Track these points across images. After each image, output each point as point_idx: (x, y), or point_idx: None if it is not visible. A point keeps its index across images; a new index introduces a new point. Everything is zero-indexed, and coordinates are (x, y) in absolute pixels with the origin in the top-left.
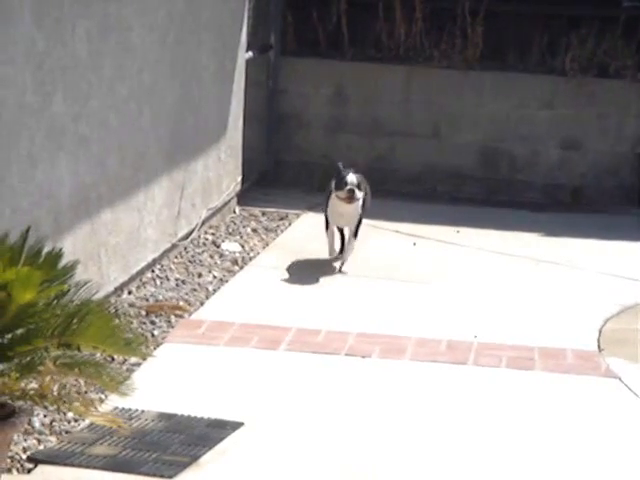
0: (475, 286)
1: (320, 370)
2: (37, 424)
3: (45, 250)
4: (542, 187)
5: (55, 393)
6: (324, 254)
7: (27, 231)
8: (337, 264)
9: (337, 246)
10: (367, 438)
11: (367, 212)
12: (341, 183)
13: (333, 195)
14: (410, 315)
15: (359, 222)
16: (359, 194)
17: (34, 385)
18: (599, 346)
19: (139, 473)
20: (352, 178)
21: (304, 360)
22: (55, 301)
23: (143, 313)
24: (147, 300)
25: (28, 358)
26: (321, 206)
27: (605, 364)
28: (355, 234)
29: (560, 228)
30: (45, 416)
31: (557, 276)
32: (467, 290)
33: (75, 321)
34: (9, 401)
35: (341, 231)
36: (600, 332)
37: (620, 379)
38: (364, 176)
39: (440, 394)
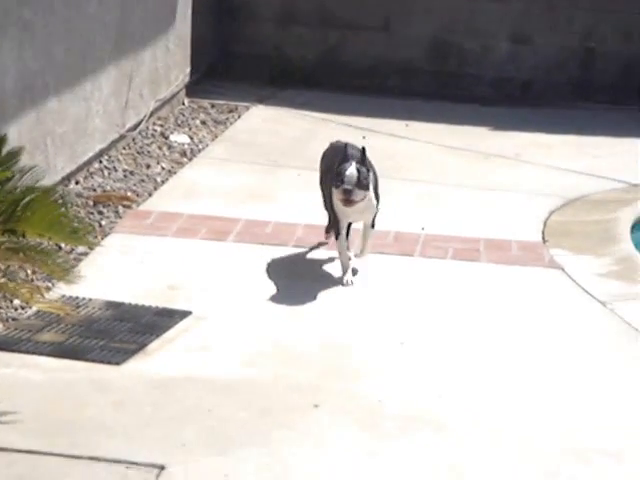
0: (423, 179)
1: (268, 261)
2: None
3: None
4: (492, 81)
5: (0, 278)
6: (273, 147)
7: None
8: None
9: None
10: (311, 324)
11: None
12: (337, 178)
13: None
14: None
15: (375, 216)
16: (360, 194)
17: None
18: (543, 238)
19: (87, 360)
20: (351, 172)
21: (252, 251)
22: (0, 187)
23: (91, 203)
24: (95, 190)
25: None
26: (271, 99)
27: (549, 255)
28: (373, 225)
29: (509, 122)
30: None
31: (504, 170)
32: (414, 183)
33: (20, 207)
34: None
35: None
36: (545, 224)
37: (563, 269)
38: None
39: (387, 284)
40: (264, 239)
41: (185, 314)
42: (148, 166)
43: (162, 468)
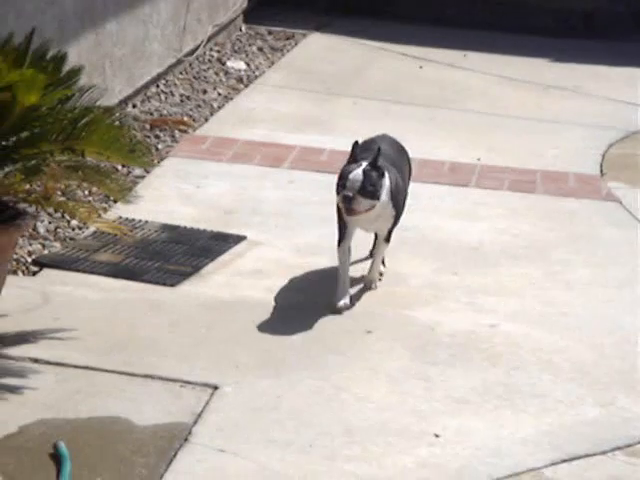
0: (480, 110)
1: (322, 188)
2: (42, 230)
3: (50, 54)
4: (553, 12)
5: (60, 197)
6: (331, 75)
7: (32, 33)
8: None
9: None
10: (366, 251)
11: (402, 205)
12: (339, 182)
13: None
14: (414, 137)
15: (393, 225)
16: (364, 203)
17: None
18: (601, 170)
19: (142, 281)
20: (355, 176)
21: (307, 178)
22: (59, 106)
23: (147, 127)
24: (151, 114)
25: (33, 161)
26: (328, 27)
27: (606, 188)
28: (388, 239)
29: (569, 54)
30: (50, 222)
31: (563, 102)
32: (472, 113)
33: (79, 126)
34: (15, 204)
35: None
36: (603, 157)
37: (621, 202)
38: (397, 148)
39: (441, 214)
40: (319, 166)
41: (239, 239)
42: (205, 91)
43: (215, 388)
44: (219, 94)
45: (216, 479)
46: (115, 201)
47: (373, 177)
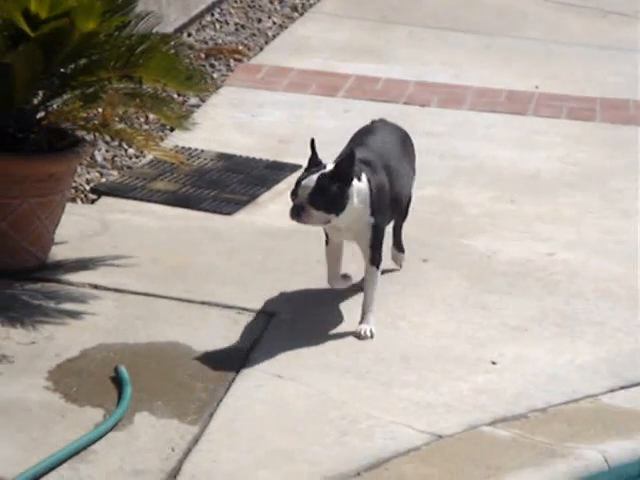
0: (537, 37)
1: (377, 117)
2: (99, 158)
3: None
4: None
5: (117, 125)
6: (384, 3)
7: None
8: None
9: (342, 268)
10: (421, 180)
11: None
12: (292, 189)
13: None
14: (470, 65)
15: (375, 237)
16: (315, 216)
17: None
18: None
19: (199, 209)
20: (308, 183)
21: (362, 107)
22: (116, 33)
23: (202, 56)
24: (206, 43)
25: (91, 89)
26: None
27: None
28: (373, 260)
29: None
30: (107, 151)
31: (623, 28)
32: (530, 41)
33: (137, 53)
34: (73, 132)
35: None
36: None
37: None
38: (396, 139)
39: (499, 143)
40: (374, 95)
41: (295, 167)
42: (259, 20)
43: (272, 315)
44: (274, 23)
45: (274, 403)
46: (172, 129)
47: (330, 186)
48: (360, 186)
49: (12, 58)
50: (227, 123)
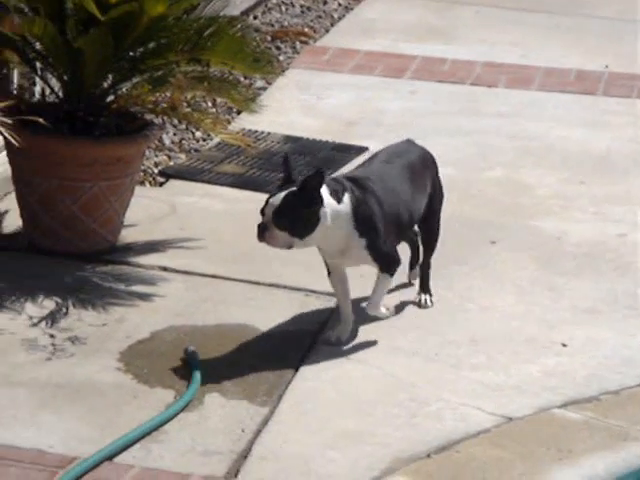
0: (608, 16)
1: (444, 98)
2: (167, 141)
3: None
4: None
5: (185, 108)
6: None
7: None
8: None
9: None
10: (490, 162)
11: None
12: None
13: None
14: (538, 44)
15: (376, 254)
16: (280, 238)
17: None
18: None
19: (266, 191)
20: (274, 201)
21: (429, 89)
22: (185, 16)
23: (268, 38)
24: (272, 26)
25: (159, 72)
26: None
27: None
28: (383, 268)
29: None
30: (175, 134)
31: None
32: (599, 20)
33: (205, 36)
34: (142, 115)
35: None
36: None
37: None
38: (412, 160)
39: (567, 123)
40: (441, 76)
41: (361, 150)
42: (325, 2)
43: None
44: (339, 4)
45: (342, 385)
46: (238, 112)
47: (297, 206)
48: (338, 208)
49: (83, 42)
50: (293, 105)
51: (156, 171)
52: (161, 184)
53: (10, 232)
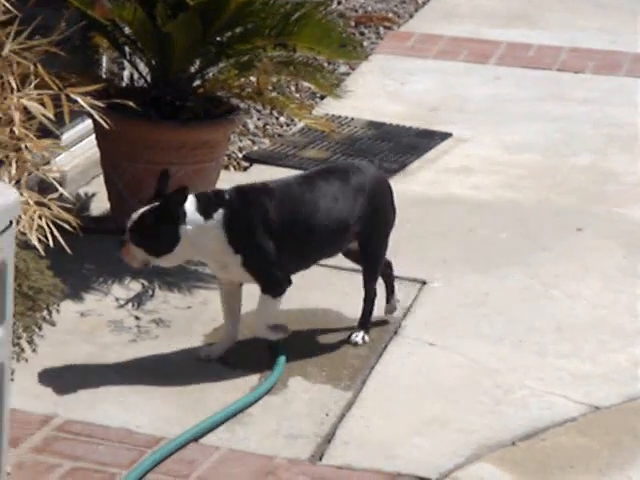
0: None
1: (529, 84)
2: (251, 127)
3: None
4: None
5: (271, 92)
6: None
7: None
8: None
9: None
10: (575, 150)
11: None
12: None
13: None
14: (625, 30)
15: (257, 273)
16: (135, 253)
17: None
18: None
19: None
20: (133, 217)
21: (514, 74)
22: (272, 1)
23: (352, 24)
24: (356, 11)
25: (246, 57)
26: None
27: None
28: (264, 289)
29: None
30: (258, 119)
31: None
32: None
33: (292, 21)
34: (228, 100)
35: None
36: None
37: None
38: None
39: None
40: (526, 62)
41: (445, 136)
42: None
43: (424, 283)
44: None
45: (426, 371)
46: (321, 98)
47: (155, 223)
48: (205, 225)
49: (172, 27)
50: (377, 91)
51: (240, 156)
52: (245, 168)
53: (98, 215)
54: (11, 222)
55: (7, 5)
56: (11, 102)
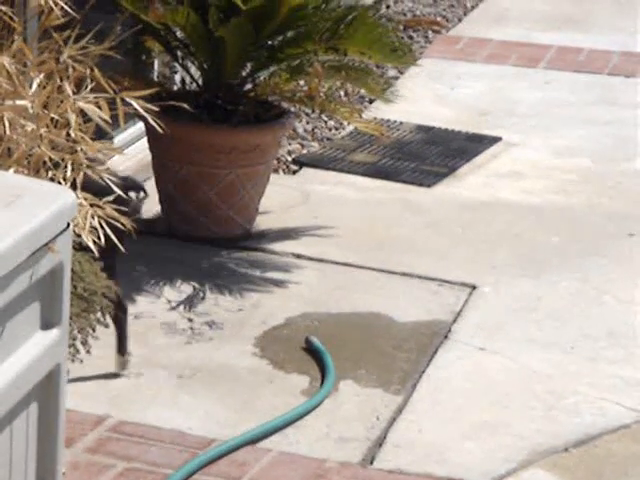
0: None
1: (580, 88)
2: (300, 130)
3: None
4: None
5: (322, 96)
6: None
7: None
8: None
9: None
10: (621, 152)
11: None
12: None
13: None
14: None
15: None
16: None
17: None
18: None
19: (398, 181)
20: None
21: (565, 78)
22: (324, 5)
23: (401, 28)
24: (405, 15)
25: (297, 61)
26: None
27: None
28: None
29: None
30: (308, 123)
31: None
32: None
33: (343, 25)
34: (278, 104)
35: None
36: None
37: None
38: None
39: None
40: (577, 66)
41: (495, 140)
42: None
43: (474, 287)
44: None
45: (476, 376)
46: (370, 102)
47: None
48: None
49: (224, 31)
50: (426, 95)
51: (289, 159)
52: (294, 172)
53: (149, 217)
54: (68, 224)
55: (67, 9)
56: (68, 105)
